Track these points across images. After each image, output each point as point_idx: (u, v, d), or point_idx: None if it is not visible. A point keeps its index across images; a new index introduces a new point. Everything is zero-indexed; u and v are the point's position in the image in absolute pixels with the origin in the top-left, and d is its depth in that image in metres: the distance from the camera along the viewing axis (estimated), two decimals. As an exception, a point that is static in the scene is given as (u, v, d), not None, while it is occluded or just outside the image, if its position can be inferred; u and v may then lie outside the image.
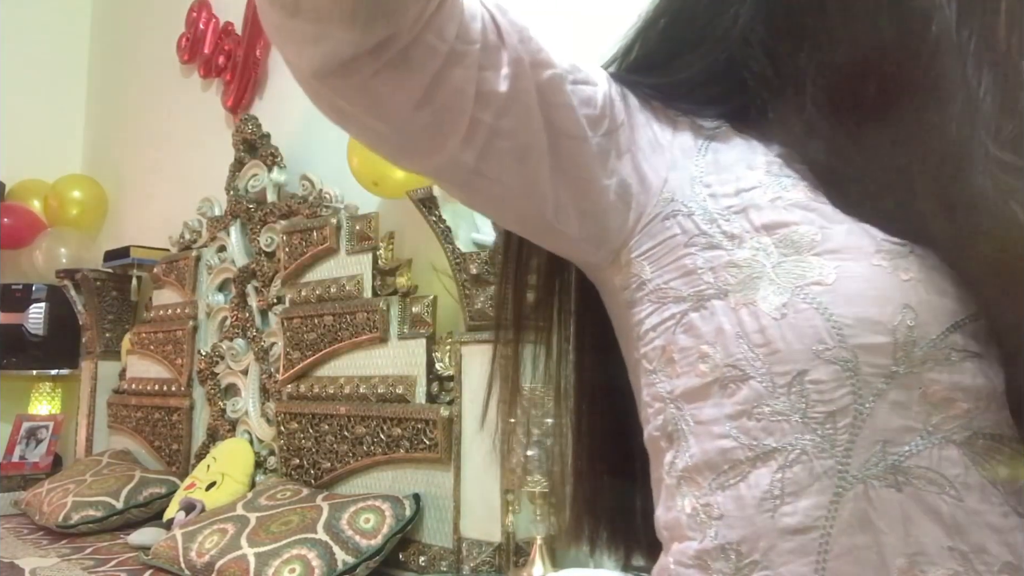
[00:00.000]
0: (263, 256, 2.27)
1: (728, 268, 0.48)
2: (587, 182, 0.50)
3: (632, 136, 0.51)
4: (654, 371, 0.53)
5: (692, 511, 0.49)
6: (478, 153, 0.47)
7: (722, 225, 0.49)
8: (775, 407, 0.46)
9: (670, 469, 0.51)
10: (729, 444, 0.47)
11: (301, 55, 0.44)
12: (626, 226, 0.52)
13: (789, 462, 0.45)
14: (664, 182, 0.51)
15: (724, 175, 0.51)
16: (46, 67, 3.53)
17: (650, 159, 0.52)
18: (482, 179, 0.49)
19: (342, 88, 0.44)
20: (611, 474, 0.65)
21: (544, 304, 0.64)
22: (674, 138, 0.53)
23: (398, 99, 0.44)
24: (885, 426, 0.43)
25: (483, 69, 0.45)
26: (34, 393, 3.16)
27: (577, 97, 0.48)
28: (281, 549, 1.53)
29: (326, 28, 0.41)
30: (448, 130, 0.46)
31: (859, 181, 0.48)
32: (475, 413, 1.59)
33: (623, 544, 0.66)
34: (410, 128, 0.46)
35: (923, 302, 0.44)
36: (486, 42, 0.45)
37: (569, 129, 0.48)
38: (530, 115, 0.47)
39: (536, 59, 0.47)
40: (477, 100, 0.45)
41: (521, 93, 0.46)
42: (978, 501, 0.44)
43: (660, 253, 0.51)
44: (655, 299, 0.52)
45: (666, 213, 0.51)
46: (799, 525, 0.45)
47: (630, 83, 0.54)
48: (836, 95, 0.49)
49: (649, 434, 0.54)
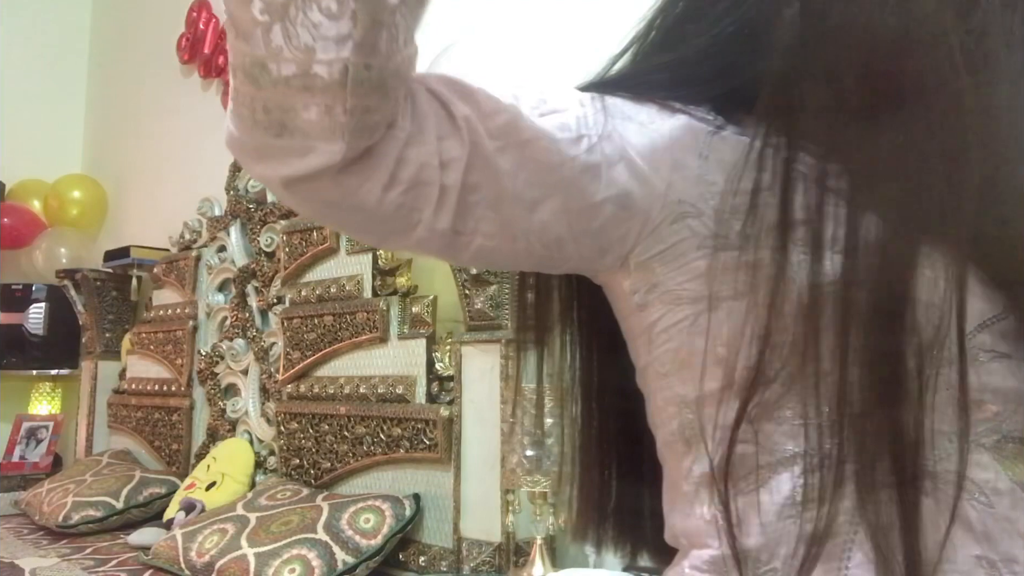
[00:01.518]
0: (263, 256, 2.27)
1: (744, 268, 0.47)
2: (576, 205, 0.49)
3: (622, 143, 0.50)
4: (667, 374, 0.52)
5: (711, 517, 0.48)
6: (452, 214, 0.47)
7: (734, 225, 0.48)
8: (796, 410, 0.45)
9: (688, 475, 0.50)
10: (748, 449, 0.46)
11: (278, 170, 0.45)
12: (631, 233, 0.51)
13: (812, 467, 0.44)
14: (668, 185, 0.50)
15: (730, 174, 0.49)
16: (46, 67, 3.53)
17: (649, 162, 0.50)
18: (461, 237, 0.49)
19: (314, 190, 0.45)
20: (619, 473, 0.64)
21: (549, 303, 0.64)
22: (673, 136, 0.51)
23: (366, 188, 0.45)
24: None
25: (441, 139, 0.46)
26: (34, 393, 3.16)
27: (549, 126, 0.48)
28: (281, 549, 1.53)
29: (311, 143, 0.43)
30: (421, 203, 0.46)
31: (876, 178, 0.46)
32: (475, 413, 1.59)
33: (630, 543, 0.65)
34: (383, 211, 0.46)
35: (948, 301, 0.43)
36: (437, 115, 0.46)
37: (542, 159, 0.48)
38: (489, 163, 0.47)
39: (483, 111, 0.47)
40: (442, 168, 0.46)
41: (478, 146, 0.47)
42: (1009, 507, 0.42)
43: (671, 256, 0.50)
44: (668, 301, 0.50)
45: (675, 216, 0.50)
46: (821, 532, 0.43)
47: (624, 84, 0.53)
48: (854, 85, 0.47)
49: (663, 439, 0.53)
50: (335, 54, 0.41)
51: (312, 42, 0.41)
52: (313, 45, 0.41)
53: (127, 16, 3.47)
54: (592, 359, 0.64)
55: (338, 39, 0.41)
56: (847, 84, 0.46)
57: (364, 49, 0.41)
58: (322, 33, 0.41)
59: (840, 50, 0.47)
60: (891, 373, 0.42)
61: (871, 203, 0.45)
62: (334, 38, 0.41)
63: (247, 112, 0.44)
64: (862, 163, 0.46)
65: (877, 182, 0.45)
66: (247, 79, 0.43)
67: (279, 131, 0.43)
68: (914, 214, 0.44)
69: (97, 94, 3.63)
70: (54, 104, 3.55)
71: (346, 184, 0.45)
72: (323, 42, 0.41)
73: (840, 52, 0.47)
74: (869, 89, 0.46)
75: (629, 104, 0.52)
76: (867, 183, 0.45)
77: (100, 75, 3.63)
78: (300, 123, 0.42)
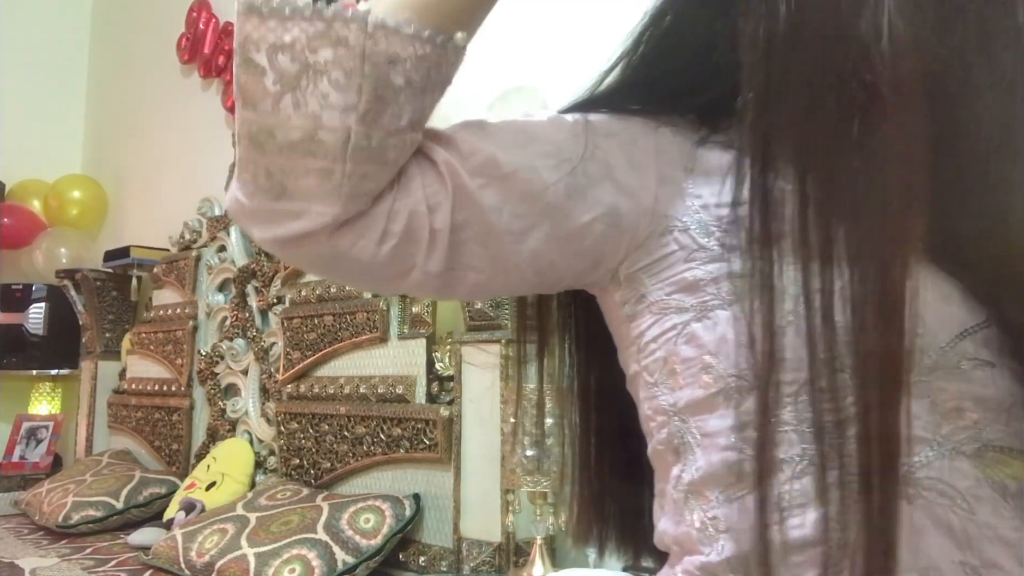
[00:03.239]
0: (263, 256, 2.27)
1: (731, 279, 0.47)
2: (564, 229, 0.50)
3: (606, 161, 0.50)
4: (655, 383, 0.52)
5: (701, 525, 0.48)
6: (444, 255, 0.48)
7: (720, 238, 0.48)
8: (781, 417, 0.45)
9: (677, 483, 0.50)
10: (735, 456, 0.46)
11: (274, 232, 0.47)
12: (620, 247, 0.51)
13: (797, 473, 0.44)
14: (655, 198, 0.51)
15: (715, 187, 0.50)
16: (46, 67, 3.53)
17: (635, 177, 0.51)
18: (455, 273, 0.50)
19: (309, 249, 0.47)
20: (619, 475, 0.64)
21: (548, 306, 0.64)
22: (659, 149, 0.52)
23: (360, 245, 0.47)
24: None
25: (426, 187, 0.48)
26: (34, 393, 3.16)
27: (529, 156, 0.49)
28: (281, 549, 1.53)
29: (308, 206, 0.45)
30: (413, 250, 0.48)
31: (857, 187, 0.45)
32: (475, 413, 1.59)
33: (632, 546, 0.65)
34: (378, 263, 0.48)
35: (931, 309, 0.43)
36: (420, 165, 0.48)
37: (524, 189, 0.49)
38: (473, 201, 0.48)
39: (462, 153, 0.49)
40: (430, 213, 0.47)
41: (461, 187, 0.48)
42: (989, 514, 0.43)
43: (659, 268, 0.51)
44: (656, 311, 0.51)
45: (661, 230, 0.50)
46: (807, 538, 0.44)
47: (610, 100, 0.54)
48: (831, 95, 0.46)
49: (653, 448, 0.54)
50: (339, 122, 0.44)
51: (319, 110, 0.43)
52: (320, 113, 0.43)
53: (127, 16, 3.47)
54: (591, 363, 0.65)
55: (344, 108, 0.43)
56: (823, 94, 0.46)
57: (367, 120, 0.44)
58: (329, 102, 0.43)
59: (814, 60, 0.47)
60: (874, 380, 0.42)
61: (852, 212, 0.45)
62: (340, 107, 0.43)
63: (250, 178, 0.46)
64: (840, 172, 0.46)
65: (856, 191, 0.45)
66: (252, 145, 0.45)
67: (278, 194, 0.45)
68: (894, 223, 0.44)
69: (97, 94, 3.63)
70: (54, 104, 3.55)
71: (340, 243, 0.47)
72: (329, 111, 0.43)
73: (814, 62, 0.47)
74: (843, 99, 0.46)
75: (614, 120, 0.53)
76: (847, 192, 0.45)
77: (100, 75, 3.63)
78: (299, 186, 0.45)
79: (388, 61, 0.44)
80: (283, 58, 0.43)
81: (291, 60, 0.43)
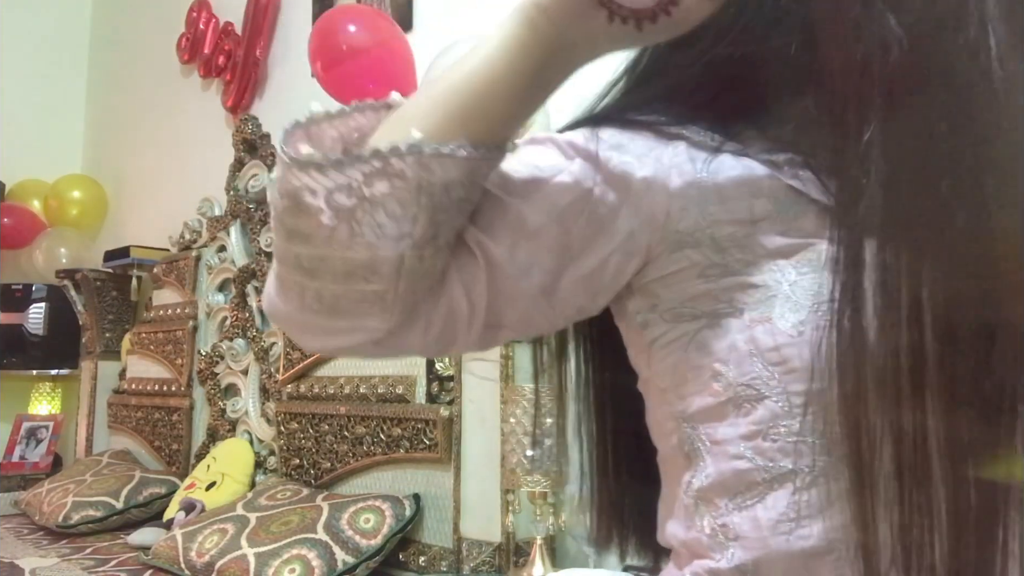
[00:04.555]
0: (263, 256, 2.27)
1: (744, 289, 0.47)
2: (587, 267, 0.50)
3: (623, 184, 0.50)
4: (666, 390, 0.52)
5: (711, 531, 0.48)
6: (483, 322, 0.50)
7: (734, 252, 0.48)
8: (791, 427, 0.45)
9: (687, 488, 0.50)
10: (745, 465, 0.46)
11: (326, 343, 0.50)
12: (632, 268, 0.52)
13: (806, 484, 0.44)
14: (667, 215, 0.50)
15: (729, 204, 0.49)
16: (46, 67, 3.53)
17: (648, 195, 0.50)
18: (492, 331, 0.51)
19: (360, 352, 0.50)
20: (637, 478, 0.64)
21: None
22: (672, 164, 0.51)
23: (408, 339, 0.49)
24: None
25: (461, 268, 0.49)
26: (34, 393, 3.16)
27: (550, 202, 0.49)
28: (281, 549, 1.53)
29: (363, 323, 0.47)
30: (457, 327, 0.50)
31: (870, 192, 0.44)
32: (475, 413, 1.59)
33: (652, 549, 0.65)
34: (425, 346, 0.50)
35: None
36: (457, 254, 0.49)
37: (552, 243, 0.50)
38: (504, 269, 0.49)
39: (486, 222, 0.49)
40: (467, 294, 0.49)
41: (491, 261, 0.49)
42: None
43: (672, 281, 0.50)
44: (668, 319, 0.51)
45: (674, 246, 0.50)
46: (816, 548, 0.44)
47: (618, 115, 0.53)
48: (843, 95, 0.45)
49: (663, 453, 0.54)
50: (393, 251, 0.44)
51: (375, 240, 0.44)
52: (376, 243, 0.44)
53: (127, 16, 3.47)
54: (605, 363, 0.64)
55: (398, 237, 0.44)
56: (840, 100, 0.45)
57: (420, 244, 0.45)
58: (385, 232, 0.44)
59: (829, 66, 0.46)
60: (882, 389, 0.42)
61: (869, 222, 0.44)
62: (395, 236, 0.44)
63: (296, 297, 0.47)
64: (858, 181, 0.44)
65: (871, 200, 0.44)
66: (299, 271, 0.46)
67: (331, 314, 0.47)
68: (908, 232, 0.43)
69: (97, 94, 3.63)
70: (54, 104, 3.55)
71: (391, 343, 0.49)
72: (384, 240, 0.44)
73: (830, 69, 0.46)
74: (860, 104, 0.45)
75: (625, 136, 0.52)
76: (864, 202, 0.44)
77: (100, 75, 3.63)
78: (353, 308, 0.46)
79: (443, 188, 0.44)
80: (340, 196, 0.44)
81: (347, 197, 0.44)
